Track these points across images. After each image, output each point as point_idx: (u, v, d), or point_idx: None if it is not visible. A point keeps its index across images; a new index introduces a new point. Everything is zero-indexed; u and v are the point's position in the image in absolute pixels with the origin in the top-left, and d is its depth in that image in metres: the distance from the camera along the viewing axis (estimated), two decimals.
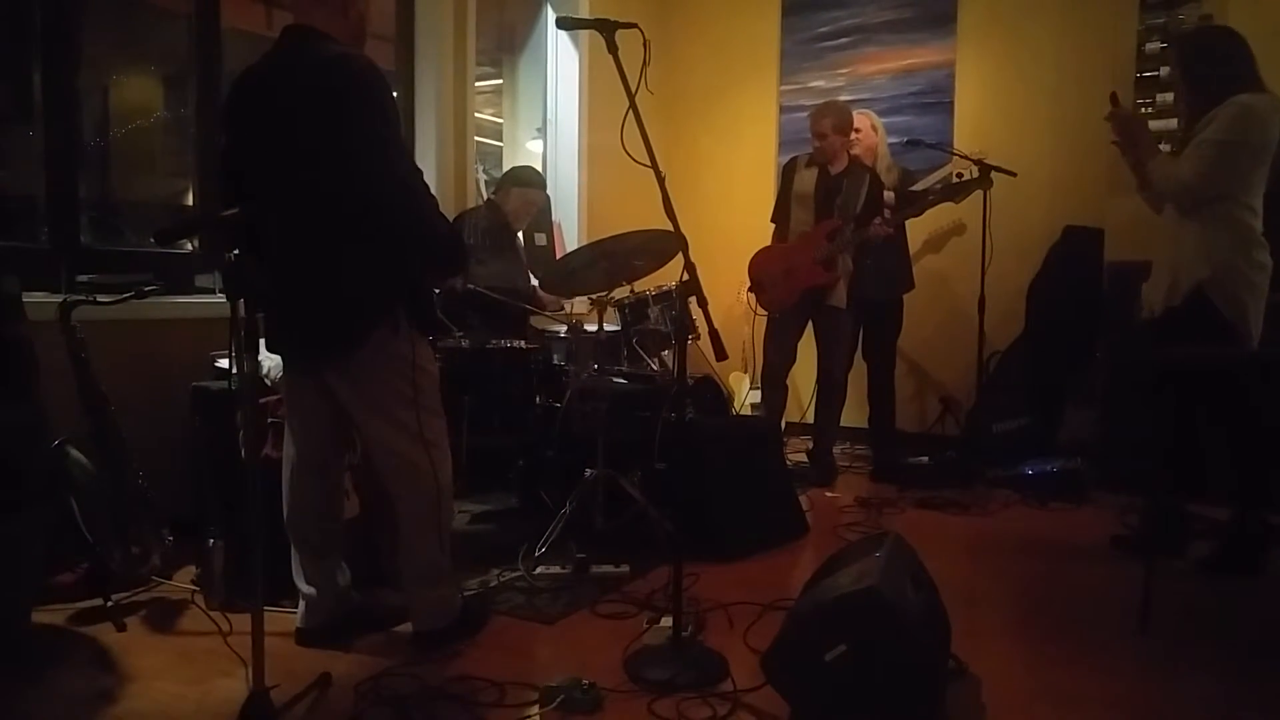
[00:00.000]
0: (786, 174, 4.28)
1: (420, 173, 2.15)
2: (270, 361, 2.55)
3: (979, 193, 3.99)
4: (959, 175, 4.33)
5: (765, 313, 4.25)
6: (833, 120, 4.03)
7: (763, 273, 4.19)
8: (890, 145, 4.62)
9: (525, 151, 5.36)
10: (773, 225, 4.29)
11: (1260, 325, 2.86)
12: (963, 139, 4.82)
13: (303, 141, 2.06)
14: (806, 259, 4.06)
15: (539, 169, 4.66)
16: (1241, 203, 2.84)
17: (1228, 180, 2.83)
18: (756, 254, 4.23)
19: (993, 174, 3.95)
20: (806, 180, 4.14)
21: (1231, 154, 2.80)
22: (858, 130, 4.28)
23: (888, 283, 4.40)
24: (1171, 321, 2.95)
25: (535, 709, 1.98)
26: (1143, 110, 4.05)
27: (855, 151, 4.25)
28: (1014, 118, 4.83)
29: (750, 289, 4.26)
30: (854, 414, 4.62)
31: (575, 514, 3.00)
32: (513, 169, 4.22)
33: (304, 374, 2.26)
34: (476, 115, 4.59)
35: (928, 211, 4.13)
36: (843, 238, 4.01)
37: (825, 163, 4.10)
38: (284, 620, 2.35)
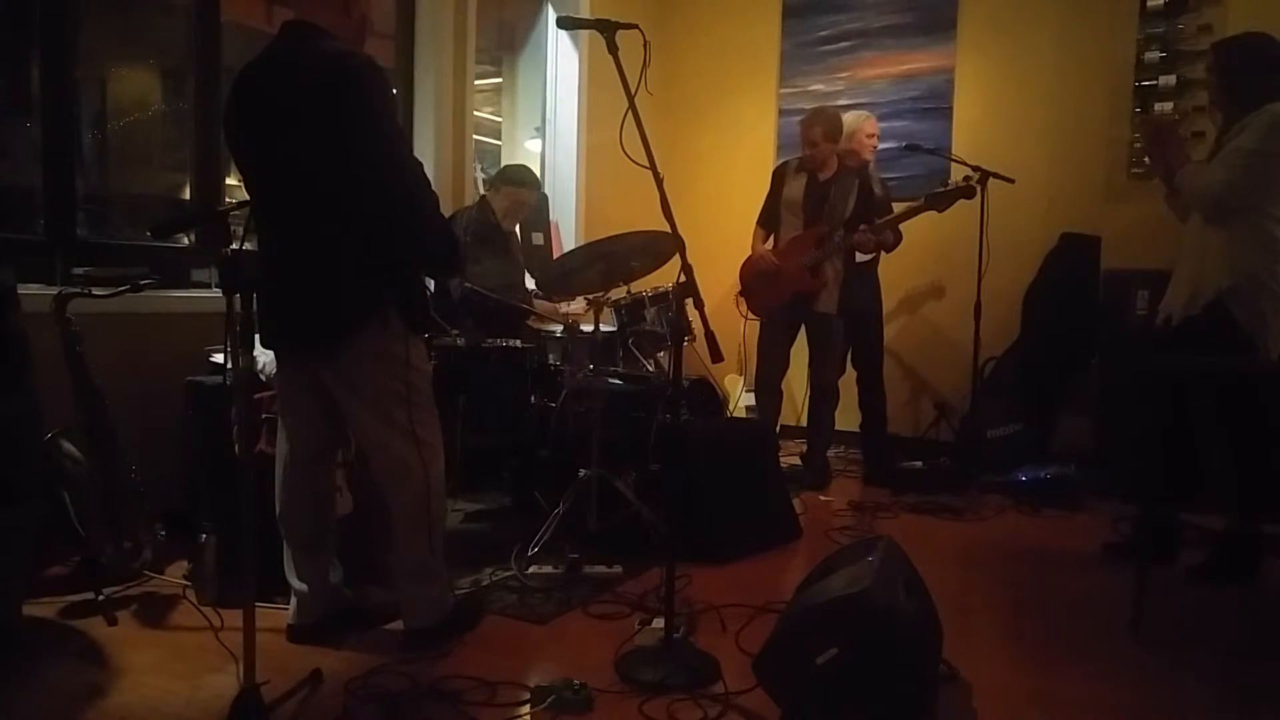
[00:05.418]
0: (776, 180, 4.27)
1: (421, 165, 2.15)
2: (265, 357, 2.54)
3: (979, 199, 3.97)
4: (946, 183, 4.32)
5: (755, 318, 4.26)
6: (823, 127, 4.03)
7: (752, 278, 4.20)
8: (888, 150, 4.61)
9: (524, 150, 5.35)
10: (757, 229, 4.28)
11: None
12: (961, 145, 4.82)
13: (302, 139, 2.05)
14: (794, 265, 4.07)
15: (535, 168, 4.65)
16: (1269, 214, 2.78)
17: (1257, 191, 2.77)
18: (747, 260, 4.24)
19: (990, 180, 3.95)
20: (795, 187, 4.14)
21: (1262, 164, 2.74)
22: (871, 134, 4.29)
23: (867, 294, 4.42)
24: (1189, 331, 2.89)
25: (526, 709, 1.98)
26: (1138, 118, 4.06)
27: (866, 156, 4.25)
28: (1013, 124, 4.84)
29: (740, 294, 4.26)
30: (849, 418, 4.62)
31: (568, 514, 3.00)
32: (504, 167, 4.20)
33: (297, 370, 2.25)
34: (475, 113, 4.59)
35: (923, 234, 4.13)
36: (831, 244, 4.02)
37: (814, 169, 4.10)
38: (276, 616, 2.35)
